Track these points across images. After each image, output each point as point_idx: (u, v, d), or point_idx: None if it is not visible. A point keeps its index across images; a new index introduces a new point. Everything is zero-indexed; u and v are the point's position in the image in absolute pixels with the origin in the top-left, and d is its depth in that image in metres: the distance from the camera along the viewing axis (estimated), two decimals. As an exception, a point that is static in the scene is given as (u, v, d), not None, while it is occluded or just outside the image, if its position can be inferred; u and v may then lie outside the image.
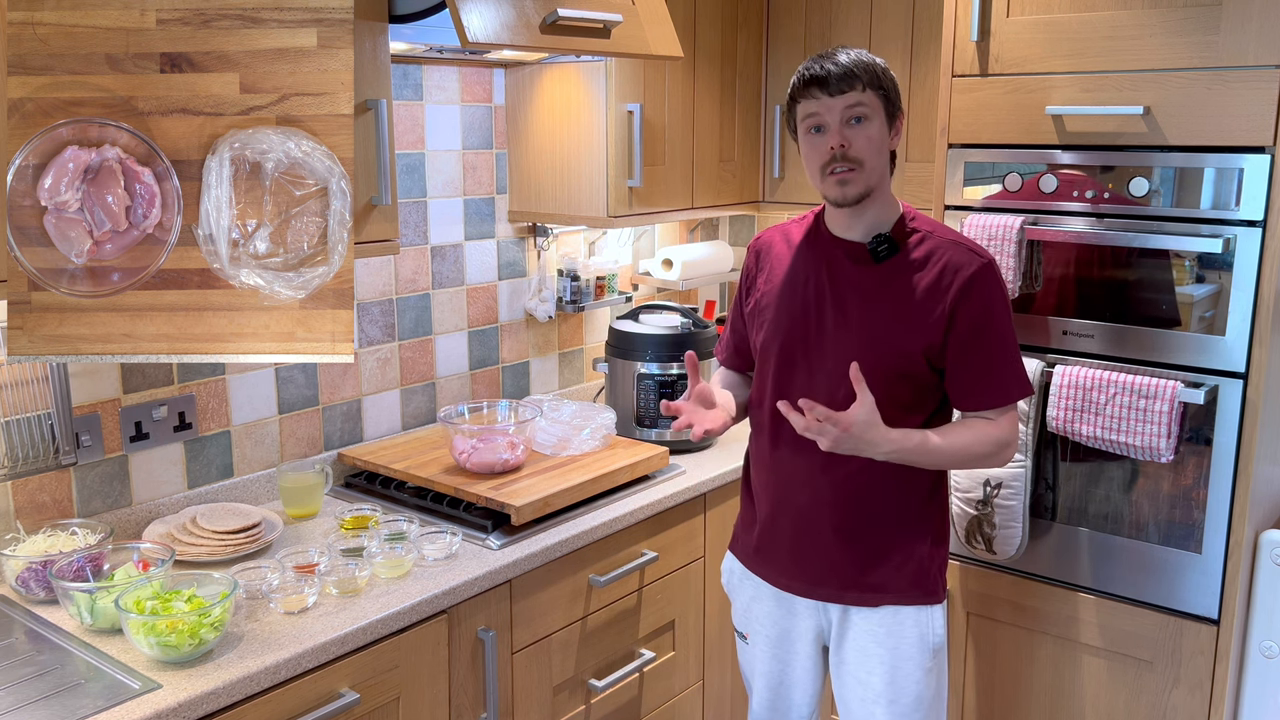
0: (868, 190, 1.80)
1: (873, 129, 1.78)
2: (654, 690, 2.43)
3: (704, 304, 3.29)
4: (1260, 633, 2.19)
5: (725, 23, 2.79)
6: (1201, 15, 2.00)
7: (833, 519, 1.89)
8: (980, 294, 1.79)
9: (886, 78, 1.80)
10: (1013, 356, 1.84)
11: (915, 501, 1.89)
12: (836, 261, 1.87)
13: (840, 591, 1.91)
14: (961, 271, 1.79)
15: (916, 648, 1.89)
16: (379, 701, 1.79)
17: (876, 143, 1.78)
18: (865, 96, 1.77)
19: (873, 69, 1.78)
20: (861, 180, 1.79)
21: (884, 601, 1.89)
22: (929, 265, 1.81)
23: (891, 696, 1.90)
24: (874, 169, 1.79)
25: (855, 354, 1.80)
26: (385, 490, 2.29)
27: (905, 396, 1.83)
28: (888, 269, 1.83)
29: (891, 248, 1.82)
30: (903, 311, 1.81)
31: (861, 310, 1.83)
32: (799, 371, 1.89)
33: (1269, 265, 1.99)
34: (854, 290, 1.85)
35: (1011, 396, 1.84)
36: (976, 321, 1.79)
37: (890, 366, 1.81)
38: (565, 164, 2.58)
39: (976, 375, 1.82)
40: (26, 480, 1.91)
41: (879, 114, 1.78)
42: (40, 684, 1.53)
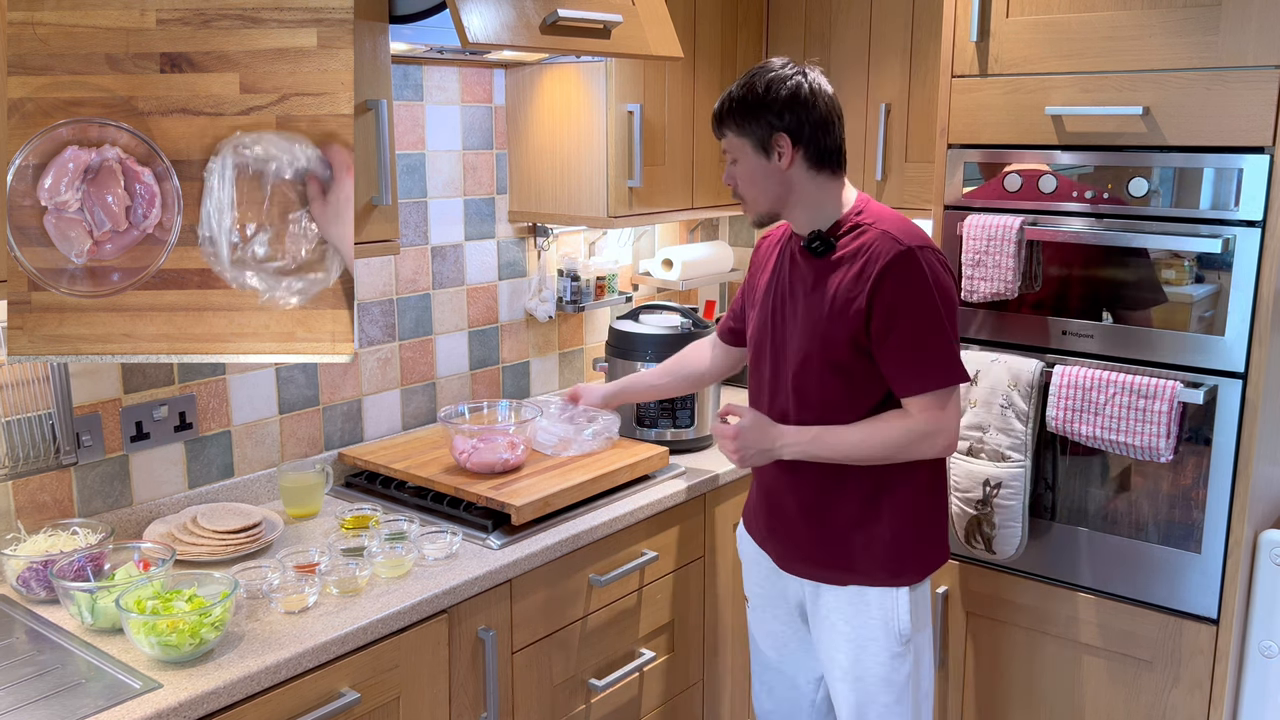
0: (760, 216, 1.96)
1: (743, 169, 1.92)
2: (654, 690, 2.44)
3: (704, 304, 3.29)
4: (1260, 632, 2.19)
5: (725, 23, 2.79)
6: (1201, 15, 2.01)
7: (797, 500, 1.99)
8: (893, 281, 1.81)
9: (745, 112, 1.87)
10: (933, 342, 1.84)
11: (883, 487, 1.92)
12: (793, 257, 1.98)
13: (809, 568, 2.01)
14: (879, 260, 1.83)
15: (881, 630, 1.94)
16: (379, 701, 1.79)
17: (751, 177, 1.91)
18: (729, 142, 1.92)
19: (733, 108, 1.88)
20: (751, 209, 1.96)
21: (850, 581, 1.95)
22: (857, 258, 1.86)
23: (856, 674, 1.97)
24: (758, 198, 1.93)
25: (799, 343, 1.93)
26: (385, 490, 2.29)
27: (843, 385, 1.90)
28: (825, 263, 1.91)
29: (825, 244, 1.90)
30: (832, 303, 1.88)
31: (804, 303, 1.93)
32: (765, 361, 2.02)
33: (1268, 265, 1.99)
34: (800, 283, 1.95)
35: (933, 382, 1.84)
36: (890, 308, 1.82)
37: (825, 357, 1.89)
38: (565, 164, 2.58)
39: (896, 362, 1.85)
40: (27, 480, 1.92)
41: (745, 152, 1.90)
42: (41, 684, 1.53)
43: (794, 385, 1.94)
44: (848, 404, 1.90)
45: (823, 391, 1.91)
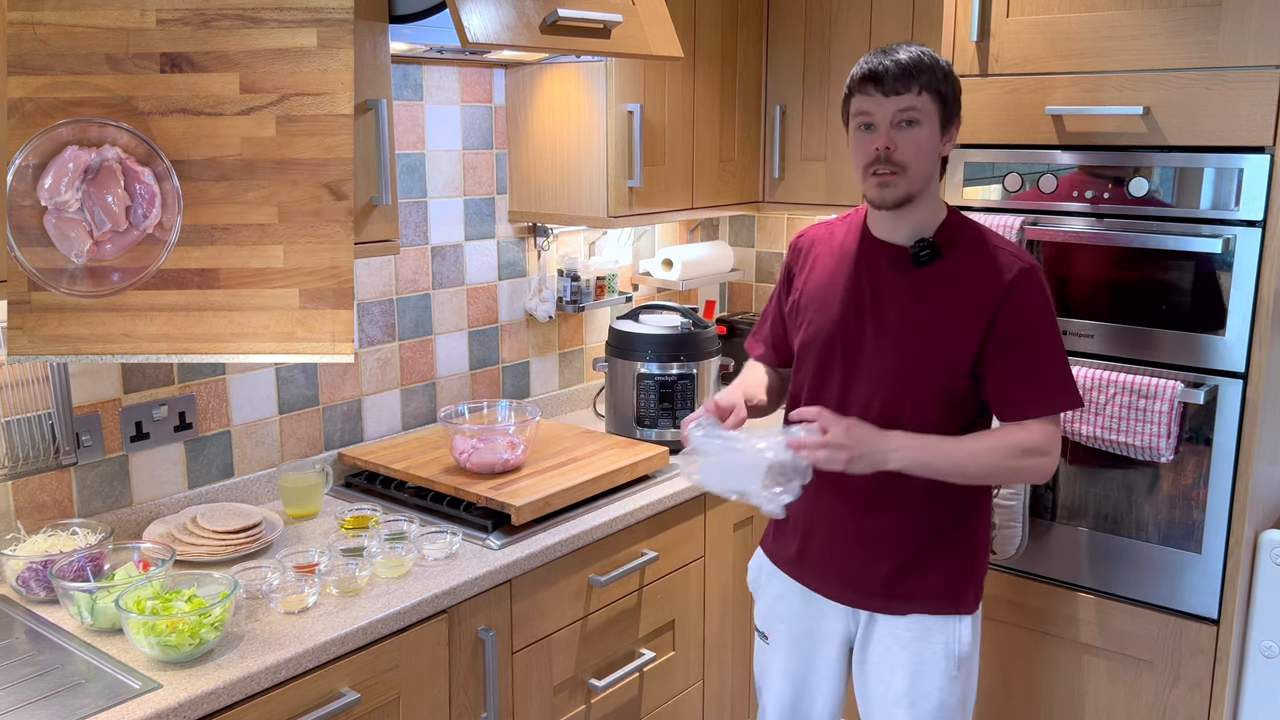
0: (908, 195, 1.76)
1: (922, 134, 1.73)
2: (654, 690, 2.43)
3: (704, 304, 3.29)
4: (1260, 632, 2.19)
5: (725, 23, 2.79)
6: (1201, 15, 2.00)
7: (862, 527, 1.86)
8: (1019, 299, 1.73)
9: (948, 81, 1.75)
10: (1055, 363, 1.76)
11: (947, 514, 1.84)
12: (878, 265, 1.83)
13: (868, 598, 1.89)
14: (1002, 276, 1.74)
15: (942, 655, 1.86)
16: (379, 701, 1.79)
17: (924, 148, 1.73)
18: (919, 100, 1.71)
19: (933, 71, 1.73)
20: (903, 185, 1.74)
21: (911, 610, 1.86)
22: (970, 271, 1.76)
23: (913, 699, 1.88)
24: (918, 174, 1.74)
25: (892, 360, 1.78)
26: (385, 490, 2.29)
27: (942, 406, 1.79)
28: (928, 274, 1.78)
29: (934, 252, 1.77)
30: (941, 318, 1.76)
31: (900, 315, 1.79)
32: (834, 376, 1.86)
33: (1269, 265, 1.99)
34: (894, 295, 1.80)
35: (1052, 405, 1.76)
36: (1014, 326, 1.74)
37: (930, 375, 1.77)
38: (565, 164, 2.58)
39: (1014, 383, 1.76)
40: (27, 480, 1.91)
41: (932, 119, 1.73)
42: (40, 684, 1.53)
43: (882, 407, 1.79)
44: (939, 427, 1.77)
45: (916, 412, 1.77)
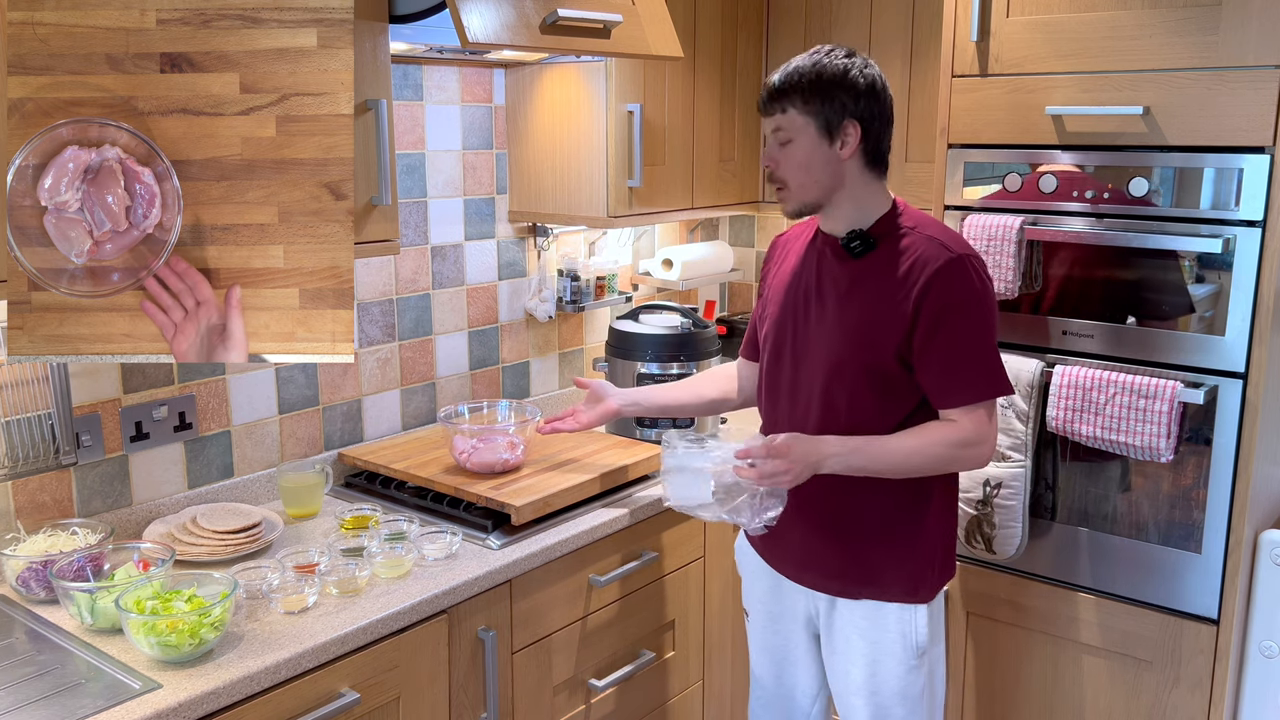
0: (803, 206, 1.85)
1: (797, 151, 1.80)
2: (654, 690, 2.43)
3: (704, 304, 3.29)
4: (1260, 632, 2.19)
5: (725, 23, 2.79)
6: (1201, 15, 2.00)
7: (819, 512, 1.91)
8: (942, 288, 1.76)
9: (823, 90, 1.77)
10: (980, 352, 1.80)
11: (905, 501, 1.88)
12: (824, 256, 1.90)
13: (825, 580, 1.95)
14: (928, 266, 1.77)
15: (899, 645, 1.91)
16: (379, 701, 1.79)
17: (802, 162, 1.80)
18: (787, 119, 1.79)
19: (804, 84, 1.77)
20: (792, 198, 1.84)
21: (865, 595, 1.91)
22: (901, 261, 1.80)
23: (872, 689, 1.93)
24: (803, 187, 1.82)
25: (831, 349, 1.85)
26: (385, 490, 2.29)
27: (877, 394, 1.83)
28: (863, 265, 1.84)
29: (865, 244, 1.83)
30: (872, 307, 1.81)
31: (837, 305, 1.85)
32: (785, 361, 1.94)
33: (1269, 265, 1.99)
34: (833, 285, 1.87)
35: (979, 393, 1.80)
36: (937, 316, 1.77)
37: (861, 362, 1.82)
38: (565, 164, 2.58)
39: (940, 371, 1.79)
40: (27, 480, 1.91)
41: (806, 132, 1.79)
42: (40, 684, 1.53)
43: (822, 393, 1.86)
44: (878, 415, 1.83)
45: (853, 400, 1.83)
